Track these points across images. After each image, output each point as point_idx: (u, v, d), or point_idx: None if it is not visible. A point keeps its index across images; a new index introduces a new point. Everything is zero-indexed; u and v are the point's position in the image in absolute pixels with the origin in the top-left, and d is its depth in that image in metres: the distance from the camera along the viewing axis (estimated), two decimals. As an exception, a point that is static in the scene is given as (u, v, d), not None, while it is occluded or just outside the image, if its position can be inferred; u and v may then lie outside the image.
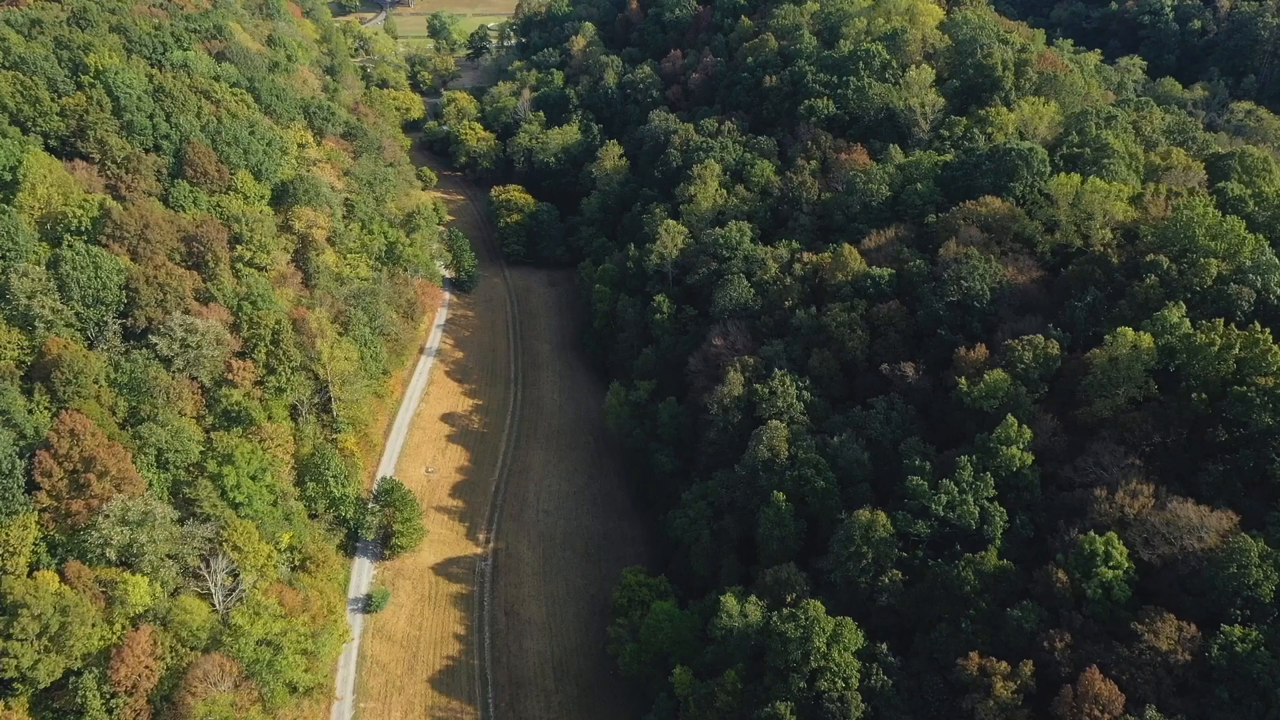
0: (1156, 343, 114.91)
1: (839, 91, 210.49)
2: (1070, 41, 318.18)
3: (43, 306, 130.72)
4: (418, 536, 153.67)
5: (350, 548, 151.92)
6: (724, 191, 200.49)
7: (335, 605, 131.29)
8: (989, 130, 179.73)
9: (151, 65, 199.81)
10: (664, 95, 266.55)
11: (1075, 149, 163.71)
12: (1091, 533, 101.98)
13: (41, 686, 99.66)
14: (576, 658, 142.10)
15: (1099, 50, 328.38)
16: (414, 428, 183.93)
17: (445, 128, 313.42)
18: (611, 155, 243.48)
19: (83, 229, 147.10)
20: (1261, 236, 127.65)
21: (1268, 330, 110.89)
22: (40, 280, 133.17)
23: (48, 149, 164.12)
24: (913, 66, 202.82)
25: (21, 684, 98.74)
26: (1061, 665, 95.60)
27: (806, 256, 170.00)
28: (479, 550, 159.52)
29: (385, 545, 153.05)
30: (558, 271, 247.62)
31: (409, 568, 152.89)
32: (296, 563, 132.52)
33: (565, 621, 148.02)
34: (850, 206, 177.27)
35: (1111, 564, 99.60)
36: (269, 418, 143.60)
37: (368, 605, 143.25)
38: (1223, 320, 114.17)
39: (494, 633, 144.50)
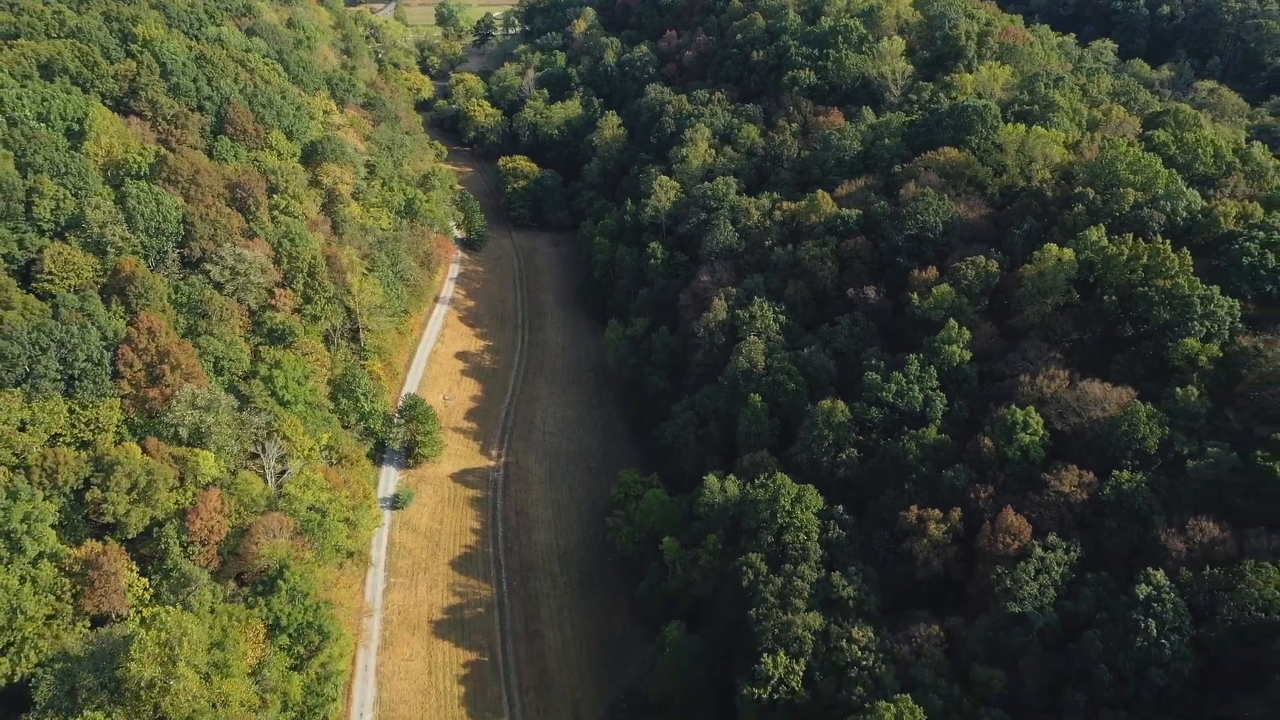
0: (1078, 257, 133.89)
1: (819, 63, 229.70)
2: (1047, 26, 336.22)
3: (113, 234, 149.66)
4: (438, 448, 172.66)
5: (378, 457, 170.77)
6: (713, 152, 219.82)
7: (369, 493, 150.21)
8: (952, 93, 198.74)
9: (189, 38, 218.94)
10: (660, 72, 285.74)
11: (1025, 106, 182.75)
12: (1014, 407, 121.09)
13: (132, 535, 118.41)
14: (579, 549, 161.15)
15: (1074, 34, 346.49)
16: (431, 363, 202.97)
17: (454, 106, 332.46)
18: (611, 125, 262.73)
19: (142, 173, 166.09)
20: (1176, 172, 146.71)
21: (1168, 242, 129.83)
22: (110, 213, 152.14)
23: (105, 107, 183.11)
24: (886, 38, 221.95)
25: (116, 530, 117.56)
26: (985, 512, 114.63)
27: (786, 205, 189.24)
28: (492, 463, 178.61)
29: (409, 455, 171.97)
30: (561, 234, 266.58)
31: (430, 475, 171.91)
32: (334, 460, 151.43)
33: (569, 521, 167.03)
34: (826, 161, 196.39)
35: (1029, 431, 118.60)
36: (307, 335, 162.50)
37: (395, 503, 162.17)
38: (1132, 235, 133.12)
39: (506, 528, 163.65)
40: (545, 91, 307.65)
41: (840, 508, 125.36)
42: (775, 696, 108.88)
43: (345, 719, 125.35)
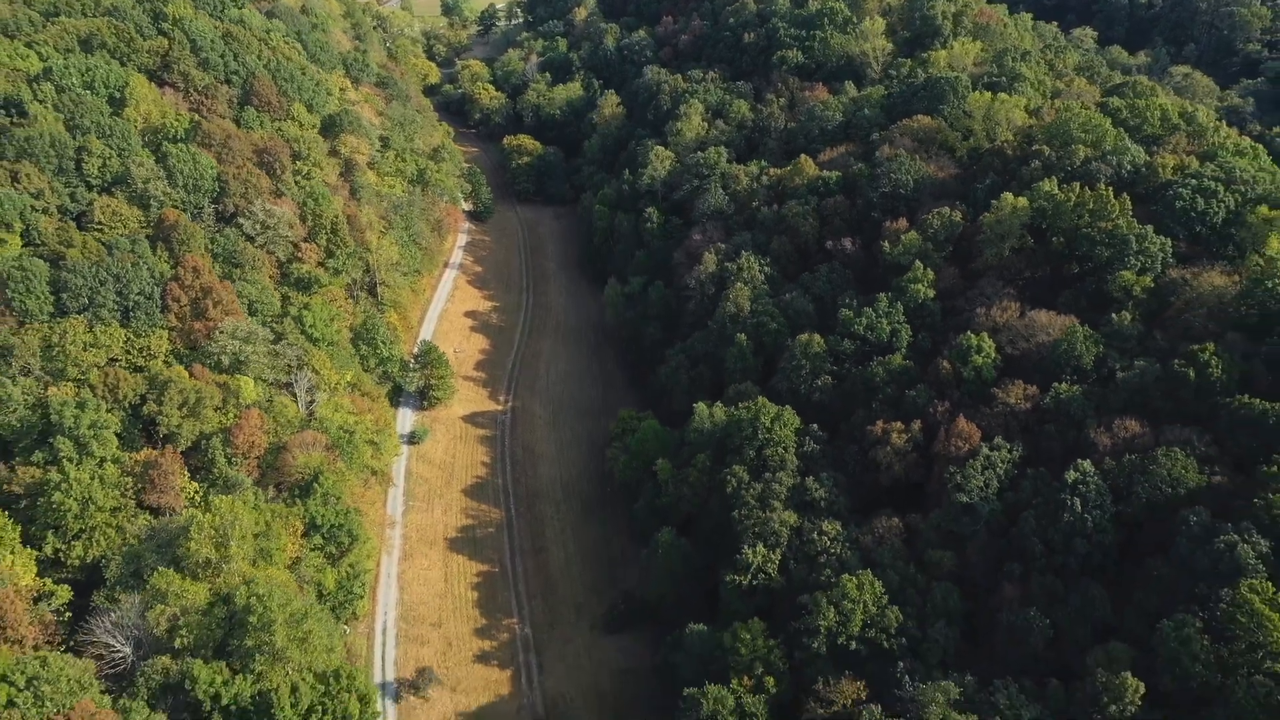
0: (1031, 205, 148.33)
1: (806, 44, 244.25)
2: (1030, 15, 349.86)
3: (156, 189, 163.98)
4: (450, 392, 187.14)
5: (395, 400, 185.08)
6: (706, 125, 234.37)
7: (390, 423, 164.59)
8: (927, 68, 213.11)
9: (213, 19, 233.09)
10: (657, 55, 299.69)
11: (994, 78, 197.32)
12: (969, 334, 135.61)
13: (183, 447, 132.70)
14: (580, 481, 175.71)
15: (1056, 23, 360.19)
16: (442, 319, 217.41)
17: (460, 90, 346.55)
18: (610, 104, 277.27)
19: (178, 137, 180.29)
20: (1123, 131, 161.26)
21: (1110, 189, 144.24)
22: (152, 170, 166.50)
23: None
24: (868, 19, 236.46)
25: (169, 442, 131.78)
26: (941, 423, 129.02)
27: (772, 171, 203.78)
28: (499, 407, 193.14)
29: (423, 398, 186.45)
30: (563, 207, 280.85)
31: (443, 416, 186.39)
32: (358, 395, 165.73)
33: (571, 457, 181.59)
34: (810, 131, 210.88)
35: (982, 354, 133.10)
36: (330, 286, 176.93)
37: (412, 439, 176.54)
38: (1080, 185, 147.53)
39: (513, 462, 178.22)
40: (547, 75, 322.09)
41: (815, 426, 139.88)
42: (754, 582, 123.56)
43: (371, 615, 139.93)
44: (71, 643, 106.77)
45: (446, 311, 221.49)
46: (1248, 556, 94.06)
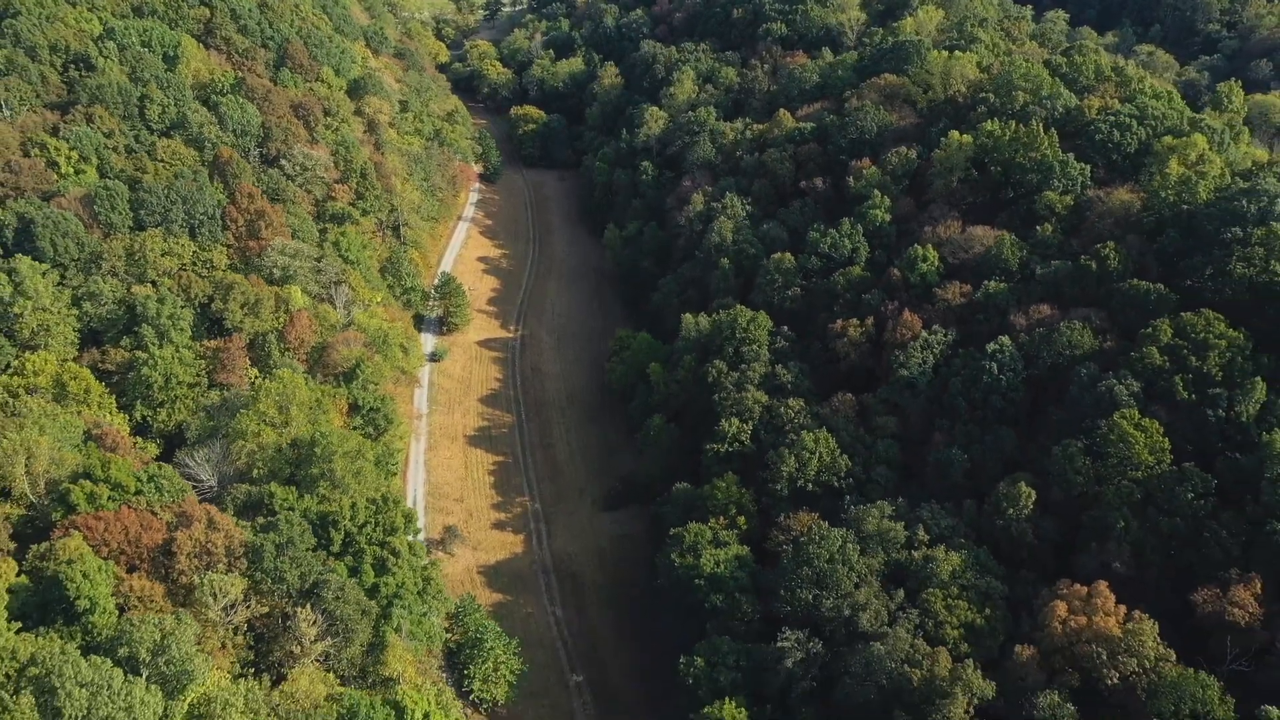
0: (975, 141, 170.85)
1: (789, 17, 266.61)
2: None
3: (209, 133, 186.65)
4: (467, 319, 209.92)
5: (417, 326, 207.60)
6: (696, 89, 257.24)
7: (415, 337, 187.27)
8: (896, 35, 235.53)
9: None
10: (653, 32, 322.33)
11: (954, 41, 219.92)
12: (916, 246, 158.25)
13: (245, 341, 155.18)
14: (583, 393, 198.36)
15: (1030, 6, 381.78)
16: (457, 263, 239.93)
17: (469, 68, 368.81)
18: (609, 74, 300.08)
19: (225, 90, 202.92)
20: (1059, 81, 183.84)
21: (1041, 126, 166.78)
22: (206, 116, 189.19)
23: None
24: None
25: (233, 336, 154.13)
26: (890, 319, 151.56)
27: (756, 126, 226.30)
28: (510, 335, 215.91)
29: (443, 325, 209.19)
30: (566, 171, 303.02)
31: (460, 341, 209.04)
32: (388, 308, 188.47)
33: (574, 374, 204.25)
34: (790, 91, 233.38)
35: (927, 262, 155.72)
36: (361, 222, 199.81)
37: (433, 357, 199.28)
38: (1016, 123, 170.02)
39: (523, 378, 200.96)
40: (551, 52, 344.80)
41: (785, 328, 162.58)
42: (730, 449, 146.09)
43: (402, 491, 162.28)
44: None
45: (461, 256, 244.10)
46: (1122, 395, 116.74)
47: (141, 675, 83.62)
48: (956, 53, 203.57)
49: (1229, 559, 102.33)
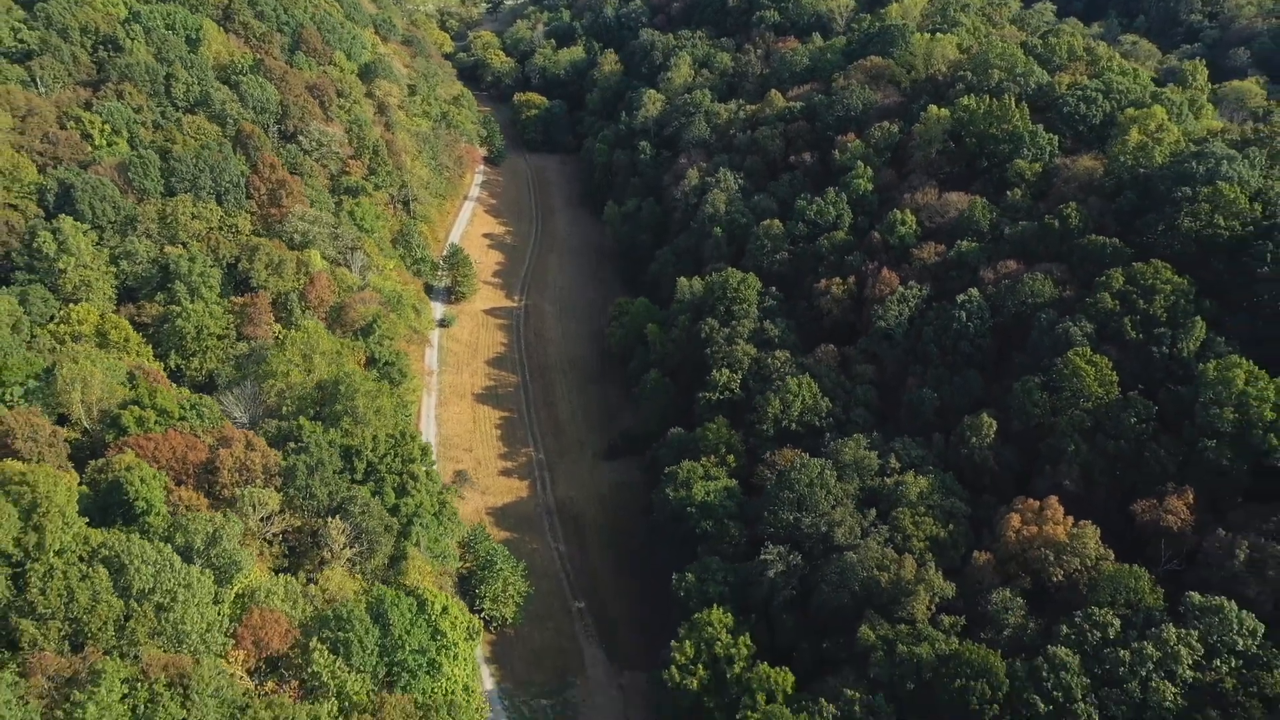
0: (952, 115, 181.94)
1: (782, 4, 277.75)
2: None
3: (231, 110, 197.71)
4: (473, 289, 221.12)
5: (427, 294, 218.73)
6: (693, 73, 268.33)
7: (425, 302, 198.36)
8: (882, 19, 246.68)
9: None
10: (652, 21, 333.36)
11: (936, 25, 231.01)
12: (895, 211, 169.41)
13: (270, 298, 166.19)
14: (583, 359, 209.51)
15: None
16: (463, 239, 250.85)
17: (473, 58, 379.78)
18: (609, 61, 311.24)
19: (245, 71, 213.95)
20: (1033, 60, 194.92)
21: (1013, 100, 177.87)
22: (228, 94, 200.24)
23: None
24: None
25: (259, 294, 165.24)
26: (870, 277, 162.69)
27: (748, 107, 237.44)
28: (514, 305, 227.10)
29: (451, 294, 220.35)
30: (568, 155, 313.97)
31: (467, 309, 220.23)
32: (401, 273, 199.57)
33: (575, 341, 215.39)
34: (781, 74, 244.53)
35: (905, 225, 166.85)
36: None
37: (442, 323, 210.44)
38: (989, 97, 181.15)
39: (527, 343, 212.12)
40: (552, 41, 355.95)
41: (773, 288, 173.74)
42: (720, 397, 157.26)
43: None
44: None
45: (467, 233, 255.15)
46: (1076, 335, 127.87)
47: (195, 564, 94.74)
48: (938, 35, 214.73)
49: (1166, 475, 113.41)
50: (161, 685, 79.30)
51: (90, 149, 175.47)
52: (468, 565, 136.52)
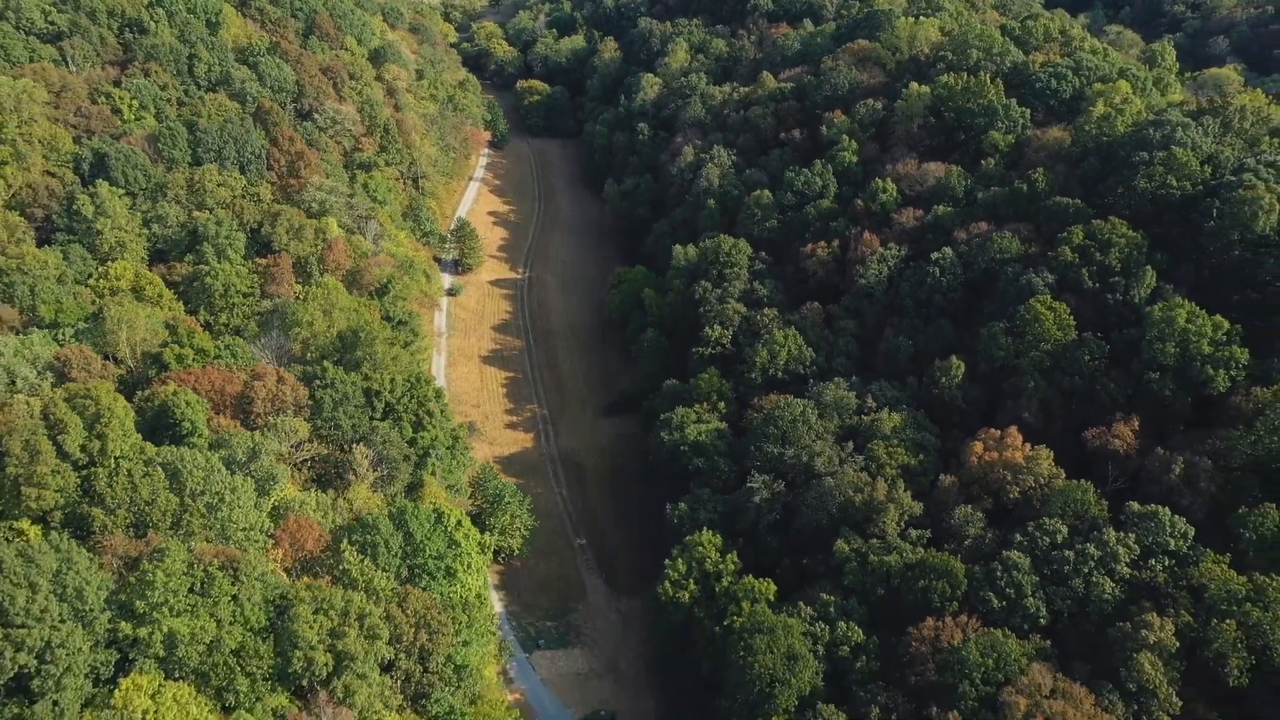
0: (932, 92, 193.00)
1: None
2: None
3: (250, 88, 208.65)
4: (480, 261, 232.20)
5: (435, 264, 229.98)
6: (689, 59, 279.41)
7: (435, 270, 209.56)
8: (870, 5, 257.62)
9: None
10: (650, 11, 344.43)
11: (921, 9, 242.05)
12: (878, 180, 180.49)
13: (292, 261, 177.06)
14: (585, 326, 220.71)
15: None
16: (469, 216, 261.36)
17: (477, 47, 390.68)
18: (609, 48, 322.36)
19: (262, 53, 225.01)
20: (1010, 41, 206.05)
21: (989, 77, 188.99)
22: (247, 74, 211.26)
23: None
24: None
25: (284, 252, 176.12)
26: (853, 240, 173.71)
27: (742, 89, 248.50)
28: (518, 276, 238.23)
29: (458, 266, 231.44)
30: (569, 140, 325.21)
31: (473, 280, 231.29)
32: (412, 241, 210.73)
33: (577, 310, 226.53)
34: (774, 58, 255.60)
35: (886, 193, 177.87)
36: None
37: (450, 292, 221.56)
38: (967, 74, 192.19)
39: (530, 311, 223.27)
40: (554, 31, 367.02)
41: (763, 253, 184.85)
42: (713, 351, 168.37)
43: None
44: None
45: (473, 211, 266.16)
46: (1038, 284, 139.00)
47: (237, 475, 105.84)
48: (922, 19, 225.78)
49: (1116, 406, 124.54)
50: (215, 568, 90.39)
51: (120, 122, 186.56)
52: (477, 503, 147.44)
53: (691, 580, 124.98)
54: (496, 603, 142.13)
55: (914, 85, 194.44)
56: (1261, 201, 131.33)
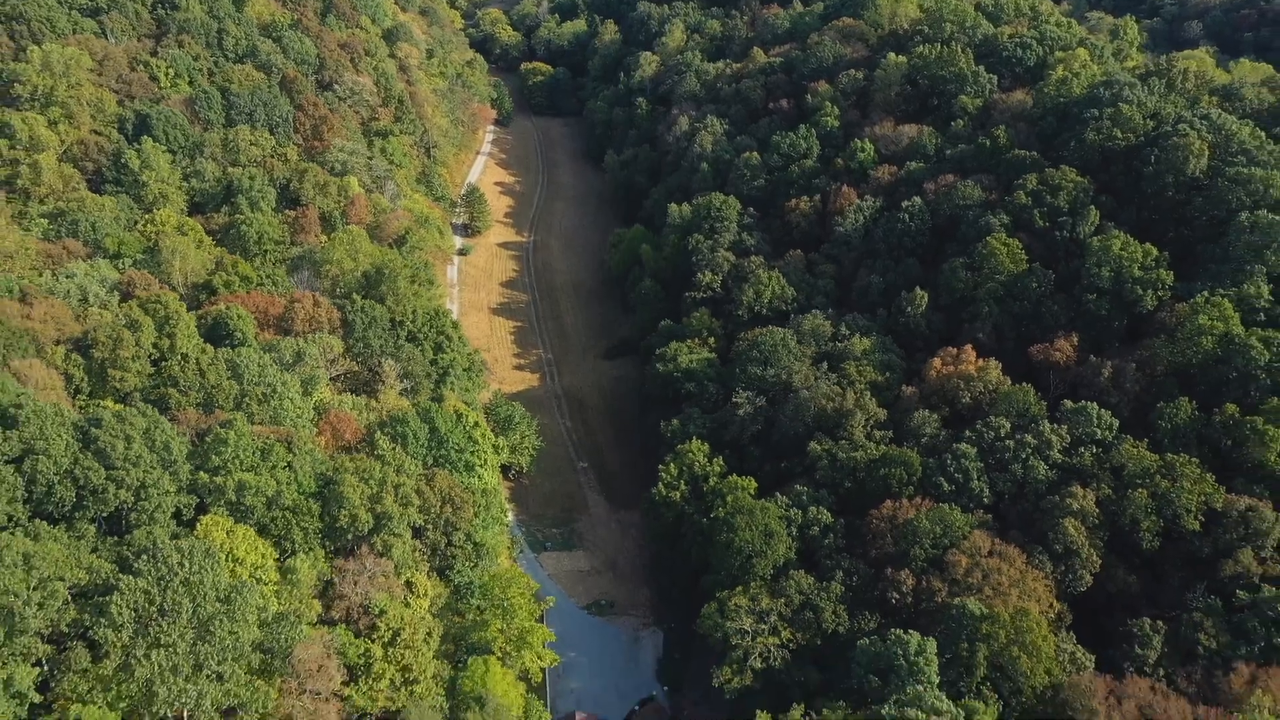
0: (908, 62, 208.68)
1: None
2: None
3: (275, 60, 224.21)
4: (488, 224, 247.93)
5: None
6: (685, 38, 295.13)
7: (448, 229, 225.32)
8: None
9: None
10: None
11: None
12: (856, 140, 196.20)
13: (319, 214, 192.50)
14: (586, 283, 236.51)
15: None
16: (478, 185, 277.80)
17: (483, 32, 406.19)
18: (609, 30, 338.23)
19: (286, 28, 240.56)
20: (982, 15, 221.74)
21: (960, 47, 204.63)
22: (272, 47, 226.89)
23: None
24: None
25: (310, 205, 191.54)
26: (833, 194, 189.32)
27: (734, 65, 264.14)
28: (524, 239, 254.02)
29: (467, 229, 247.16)
30: (571, 118, 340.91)
31: (482, 242, 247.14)
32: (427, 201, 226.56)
33: (579, 270, 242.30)
34: (765, 36, 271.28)
35: (864, 152, 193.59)
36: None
37: (461, 251, 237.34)
38: (940, 45, 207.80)
39: (536, 270, 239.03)
40: (556, 15, 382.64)
41: (751, 209, 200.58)
42: (704, 295, 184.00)
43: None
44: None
45: (480, 181, 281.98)
46: (995, 224, 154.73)
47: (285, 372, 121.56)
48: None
49: (1059, 326, 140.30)
50: (273, 440, 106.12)
51: (158, 89, 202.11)
52: (490, 425, 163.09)
53: (682, 482, 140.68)
54: (509, 512, 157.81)
55: (891, 55, 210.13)
56: (1193, 147, 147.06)
